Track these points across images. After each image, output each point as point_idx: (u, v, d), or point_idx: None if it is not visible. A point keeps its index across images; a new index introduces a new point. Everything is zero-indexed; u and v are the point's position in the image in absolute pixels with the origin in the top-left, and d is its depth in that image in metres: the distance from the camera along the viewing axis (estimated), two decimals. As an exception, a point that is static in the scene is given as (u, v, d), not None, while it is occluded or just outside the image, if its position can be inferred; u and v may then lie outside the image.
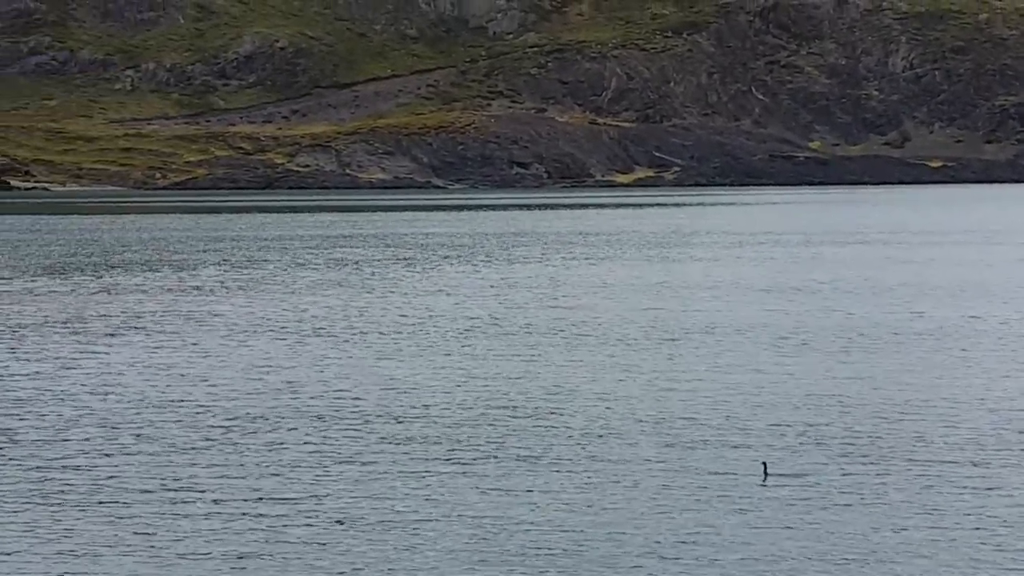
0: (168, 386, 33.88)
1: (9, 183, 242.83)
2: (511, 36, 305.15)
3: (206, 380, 34.93)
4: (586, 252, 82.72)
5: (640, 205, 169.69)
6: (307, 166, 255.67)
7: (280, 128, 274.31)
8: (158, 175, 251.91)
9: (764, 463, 23.64)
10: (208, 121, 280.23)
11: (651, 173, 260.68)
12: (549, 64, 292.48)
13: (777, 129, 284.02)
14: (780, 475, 23.29)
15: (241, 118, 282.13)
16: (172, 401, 31.83)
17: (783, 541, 20.16)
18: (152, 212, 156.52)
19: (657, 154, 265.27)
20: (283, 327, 46.08)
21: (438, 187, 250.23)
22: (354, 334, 43.89)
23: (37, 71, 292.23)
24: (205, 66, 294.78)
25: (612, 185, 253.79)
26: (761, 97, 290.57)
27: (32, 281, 64.37)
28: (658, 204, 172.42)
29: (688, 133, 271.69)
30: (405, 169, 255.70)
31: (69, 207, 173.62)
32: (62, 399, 32.39)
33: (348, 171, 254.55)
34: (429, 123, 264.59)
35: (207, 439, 27.64)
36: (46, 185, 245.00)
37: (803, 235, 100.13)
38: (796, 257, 77.96)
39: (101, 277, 66.64)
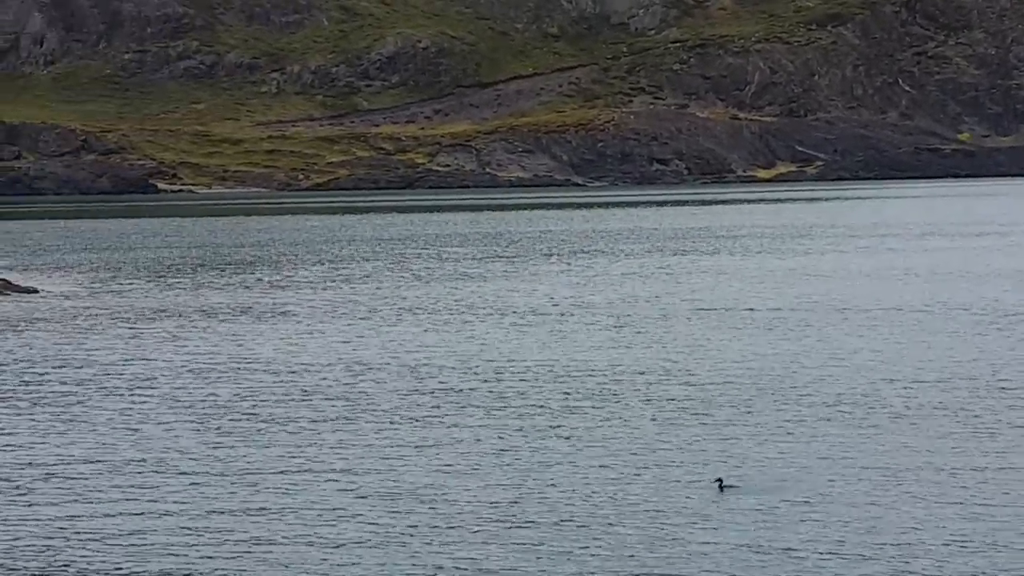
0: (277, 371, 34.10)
1: (156, 186, 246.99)
2: (653, 32, 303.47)
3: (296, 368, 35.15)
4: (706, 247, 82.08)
5: (777, 200, 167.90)
6: (447, 165, 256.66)
7: (422, 128, 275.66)
8: (301, 176, 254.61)
9: (720, 479, 23.17)
10: (352, 122, 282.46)
11: (793, 168, 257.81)
12: (691, 59, 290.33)
13: (925, 121, 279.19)
14: (731, 487, 22.98)
15: (384, 118, 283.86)
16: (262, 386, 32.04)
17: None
18: (293, 213, 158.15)
19: (800, 148, 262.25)
20: (368, 315, 46.22)
21: (577, 185, 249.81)
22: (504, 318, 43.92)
23: (185, 75, 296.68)
24: (349, 67, 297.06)
25: (753, 180, 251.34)
26: (908, 89, 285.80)
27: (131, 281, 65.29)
28: (791, 199, 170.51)
29: (831, 127, 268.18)
30: (545, 167, 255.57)
31: (210, 209, 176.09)
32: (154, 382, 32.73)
33: (488, 170, 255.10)
34: (568, 121, 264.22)
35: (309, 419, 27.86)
36: (192, 188, 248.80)
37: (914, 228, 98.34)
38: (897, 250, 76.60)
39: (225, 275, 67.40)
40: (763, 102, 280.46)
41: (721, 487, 23.05)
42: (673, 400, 31.35)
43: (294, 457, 26.04)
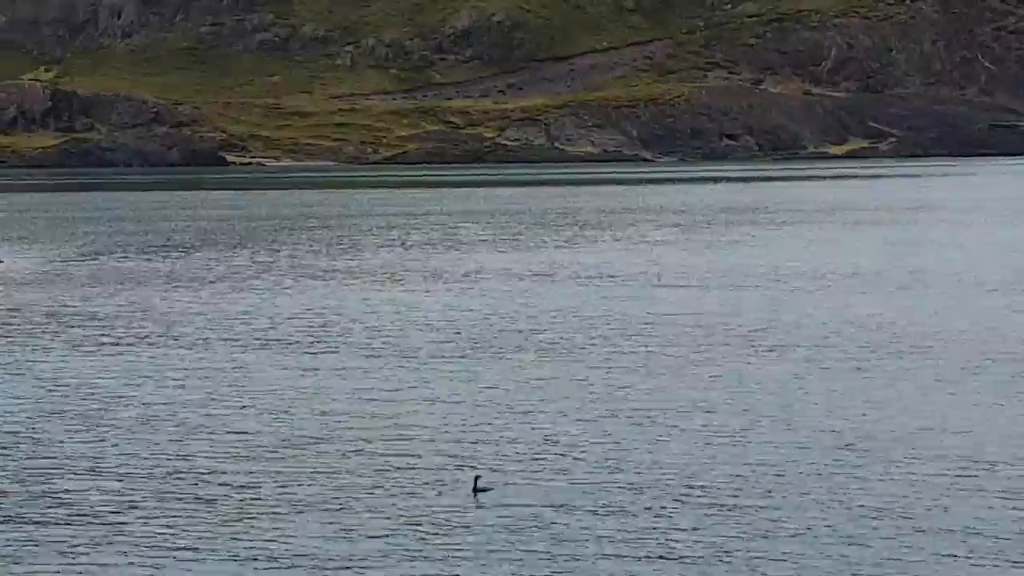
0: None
1: (226, 159, 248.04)
2: (729, 6, 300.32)
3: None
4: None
5: (836, 177, 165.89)
6: (516, 140, 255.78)
7: (496, 102, 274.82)
8: (370, 150, 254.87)
9: (476, 477, 22.28)
10: (425, 96, 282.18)
11: (865, 144, 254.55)
12: (768, 34, 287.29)
13: (1004, 98, 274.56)
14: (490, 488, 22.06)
15: (457, 92, 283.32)
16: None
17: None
18: (349, 187, 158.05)
19: (872, 124, 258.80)
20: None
21: (646, 160, 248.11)
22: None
23: (260, 48, 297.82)
24: (423, 41, 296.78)
25: (825, 157, 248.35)
26: (988, 65, 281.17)
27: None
28: (849, 176, 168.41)
29: (905, 103, 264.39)
30: (614, 142, 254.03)
31: (269, 182, 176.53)
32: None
33: (556, 144, 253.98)
34: (639, 95, 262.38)
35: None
36: (262, 160, 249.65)
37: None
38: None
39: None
40: (839, 77, 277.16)
41: (475, 490, 22.12)
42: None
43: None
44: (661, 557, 18.78)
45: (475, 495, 21.89)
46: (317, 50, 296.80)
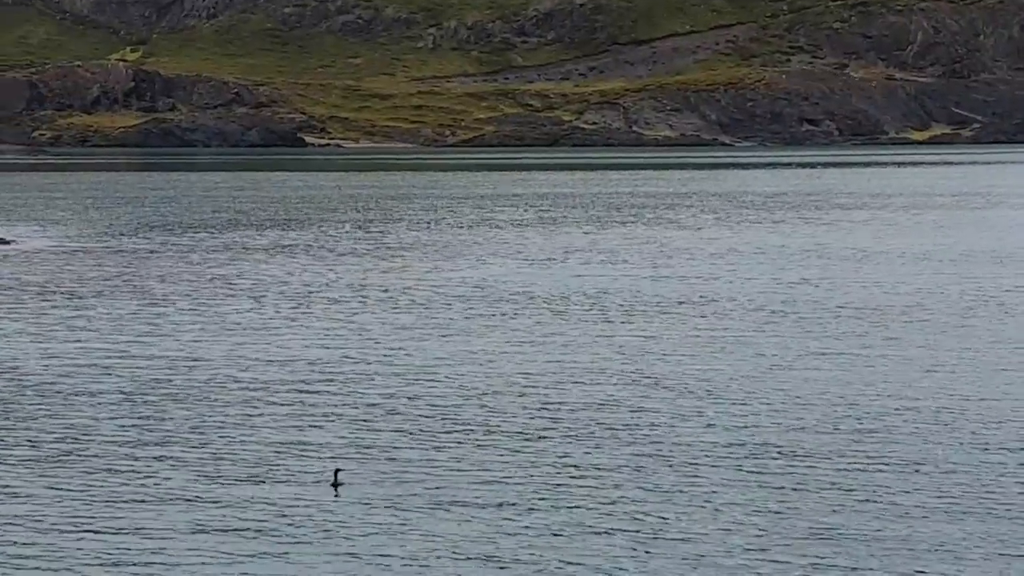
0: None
1: (304, 140, 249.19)
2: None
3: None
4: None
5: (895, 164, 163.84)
6: (594, 124, 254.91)
7: (577, 85, 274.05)
8: (448, 132, 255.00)
9: (336, 470, 21.67)
10: (506, 79, 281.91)
11: (948, 130, 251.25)
12: (852, 18, 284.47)
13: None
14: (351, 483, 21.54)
15: (539, 75, 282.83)
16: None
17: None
18: (415, 170, 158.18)
19: (956, 110, 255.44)
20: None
21: (725, 144, 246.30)
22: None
23: (344, 30, 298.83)
24: (505, 23, 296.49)
25: (906, 143, 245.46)
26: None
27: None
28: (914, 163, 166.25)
29: (991, 88, 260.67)
30: (692, 126, 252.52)
31: (345, 165, 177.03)
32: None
33: (635, 128, 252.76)
34: (719, 79, 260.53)
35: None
36: (339, 142, 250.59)
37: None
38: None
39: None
40: (925, 62, 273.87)
41: (335, 484, 21.52)
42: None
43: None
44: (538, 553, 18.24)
45: (335, 489, 21.33)
46: (399, 32, 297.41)
